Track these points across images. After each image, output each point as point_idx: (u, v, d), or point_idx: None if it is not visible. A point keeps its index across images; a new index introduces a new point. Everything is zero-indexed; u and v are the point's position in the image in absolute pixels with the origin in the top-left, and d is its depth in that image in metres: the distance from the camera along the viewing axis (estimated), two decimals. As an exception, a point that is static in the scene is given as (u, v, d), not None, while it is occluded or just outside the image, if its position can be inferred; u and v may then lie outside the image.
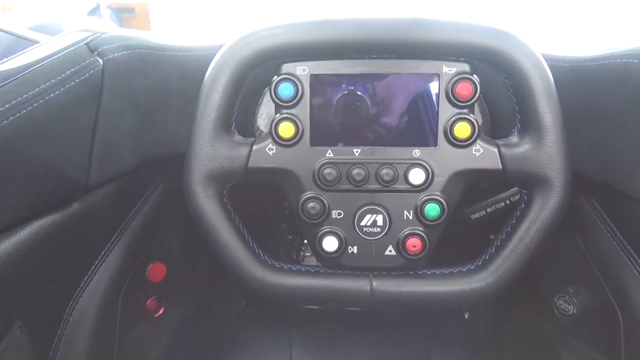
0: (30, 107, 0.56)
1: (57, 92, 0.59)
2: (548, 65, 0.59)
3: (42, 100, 0.57)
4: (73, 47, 0.65)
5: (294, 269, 0.66)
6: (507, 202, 0.84)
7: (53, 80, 0.59)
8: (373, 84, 0.62)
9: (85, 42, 0.66)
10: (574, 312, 0.80)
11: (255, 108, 0.78)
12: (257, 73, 0.65)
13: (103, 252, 0.72)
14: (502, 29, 0.59)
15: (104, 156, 0.66)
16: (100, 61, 0.65)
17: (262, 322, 1.08)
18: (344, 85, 0.62)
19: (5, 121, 0.53)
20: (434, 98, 0.62)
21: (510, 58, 0.58)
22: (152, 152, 0.74)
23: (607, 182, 0.68)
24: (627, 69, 0.64)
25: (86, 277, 0.69)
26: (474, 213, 0.86)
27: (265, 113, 0.78)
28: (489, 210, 0.85)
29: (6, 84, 0.56)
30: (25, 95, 0.56)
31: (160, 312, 0.88)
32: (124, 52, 0.68)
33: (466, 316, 1.21)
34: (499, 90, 0.72)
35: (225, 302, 1.10)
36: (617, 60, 0.65)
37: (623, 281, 0.69)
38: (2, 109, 0.54)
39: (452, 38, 0.59)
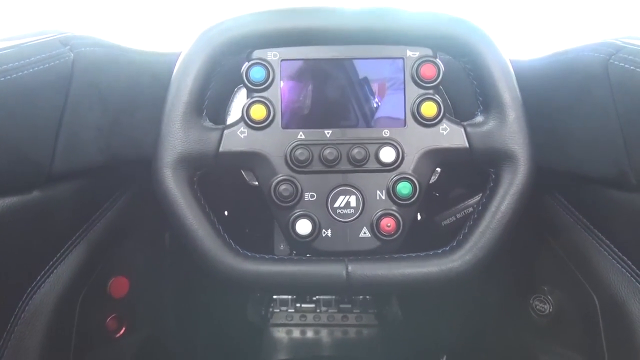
0: None
1: (25, 72, 0.59)
2: None
3: (8, 77, 0.57)
4: (44, 39, 0.65)
5: (267, 257, 0.63)
6: (476, 206, 0.86)
7: (22, 62, 0.59)
8: (342, 68, 0.65)
9: (57, 36, 0.67)
10: (551, 310, 0.79)
11: (226, 106, 0.79)
12: (229, 71, 0.66)
13: (62, 251, 0.68)
14: (460, 17, 0.64)
15: (70, 146, 0.64)
16: (71, 54, 0.66)
17: (231, 349, 1.02)
18: (314, 70, 0.65)
19: None
20: (400, 80, 0.64)
21: (468, 43, 0.62)
22: (119, 152, 0.73)
23: (569, 169, 0.70)
24: (573, 62, 0.69)
25: (42, 273, 0.65)
26: (444, 220, 0.87)
27: (236, 110, 0.78)
28: (458, 216, 0.86)
29: None
30: None
31: (121, 332, 0.82)
32: (95, 49, 0.69)
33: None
34: (458, 83, 0.75)
35: (191, 327, 1.03)
36: (564, 56, 0.71)
37: (596, 267, 0.69)
38: None
39: (413, 26, 0.63)
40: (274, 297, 1.37)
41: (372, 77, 0.65)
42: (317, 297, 1.38)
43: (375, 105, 0.65)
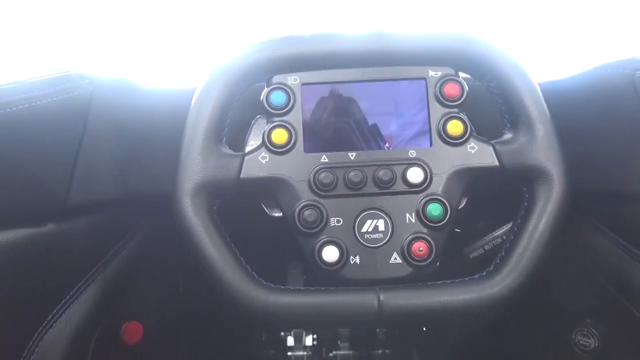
0: (15, 108, 0.55)
1: (44, 101, 0.59)
2: None
3: (27, 105, 0.56)
4: (65, 72, 0.65)
5: (292, 288, 0.59)
6: (504, 237, 0.82)
7: (41, 92, 0.59)
8: (363, 90, 0.64)
9: (75, 71, 0.67)
10: (596, 345, 0.73)
11: (245, 136, 0.77)
12: (248, 101, 0.65)
13: (74, 290, 0.64)
14: (480, 36, 0.63)
15: (86, 177, 0.63)
16: (90, 86, 0.66)
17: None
18: (335, 93, 0.63)
19: None
20: (423, 100, 0.63)
21: (490, 61, 0.61)
22: (136, 186, 0.71)
23: (602, 188, 0.67)
24: (597, 80, 0.68)
25: (54, 312, 0.61)
26: (472, 252, 0.84)
27: (255, 139, 0.77)
28: (486, 247, 0.83)
29: None
30: (11, 97, 0.55)
31: (134, 383, 0.77)
32: (113, 83, 0.69)
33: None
34: (478, 105, 0.74)
35: None
36: (587, 75, 0.70)
37: None
38: None
39: (434, 46, 0.62)
40: (289, 353, 1.30)
41: (395, 98, 0.64)
42: (334, 352, 1.31)
43: (399, 126, 0.63)
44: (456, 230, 0.88)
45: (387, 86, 0.64)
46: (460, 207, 0.68)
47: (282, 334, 1.20)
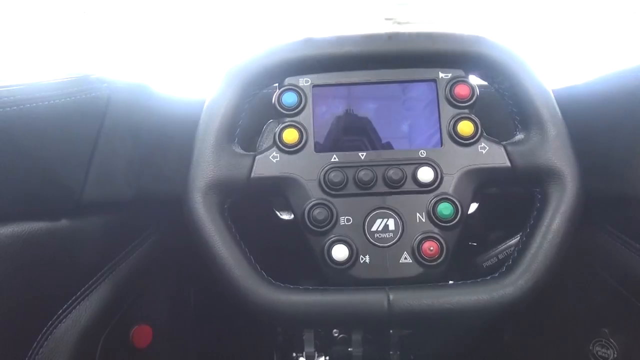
0: (34, 105, 0.57)
1: (63, 100, 0.60)
2: None
3: (47, 103, 0.58)
4: (84, 75, 0.67)
5: (301, 287, 0.59)
6: (517, 245, 0.82)
7: (60, 91, 0.61)
8: (374, 92, 0.64)
9: (94, 75, 0.69)
10: (615, 356, 0.71)
11: (257, 140, 0.78)
12: (260, 105, 0.67)
13: (84, 288, 0.65)
14: (491, 38, 0.64)
15: (101, 175, 0.64)
16: (108, 89, 0.67)
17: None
18: (346, 94, 0.64)
19: (8, 109, 0.53)
20: (433, 101, 0.63)
21: (501, 63, 0.62)
22: (149, 188, 0.72)
23: (617, 193, 0.66)
24: (610, 86, 0.68)
25: (64, 307, 0.61)
26: (486, 261, 0.83)
27: (267, 143, 0.78)
28: (500, 256, 0.82)
29: (15, 85, 0.57)
30: (31, 95, 0.57)
31: (143, 387, 0.76)
32: (131, 86, 0.71)
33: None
34: (487, 110, 0.74)
35: None
36: (600, 82, 0.70)
37: None
38: (6, 99, 0.54)
39: (445, 48, 0.63)
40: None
41: (405, 100, 0.64)
42: None
43: (409, 126, 0.64)
44: (472, 243, 0.88)
45: (397, 88, 0.64)
46: (471, 212, 0.67)
47: (294, 354, 1.18)
